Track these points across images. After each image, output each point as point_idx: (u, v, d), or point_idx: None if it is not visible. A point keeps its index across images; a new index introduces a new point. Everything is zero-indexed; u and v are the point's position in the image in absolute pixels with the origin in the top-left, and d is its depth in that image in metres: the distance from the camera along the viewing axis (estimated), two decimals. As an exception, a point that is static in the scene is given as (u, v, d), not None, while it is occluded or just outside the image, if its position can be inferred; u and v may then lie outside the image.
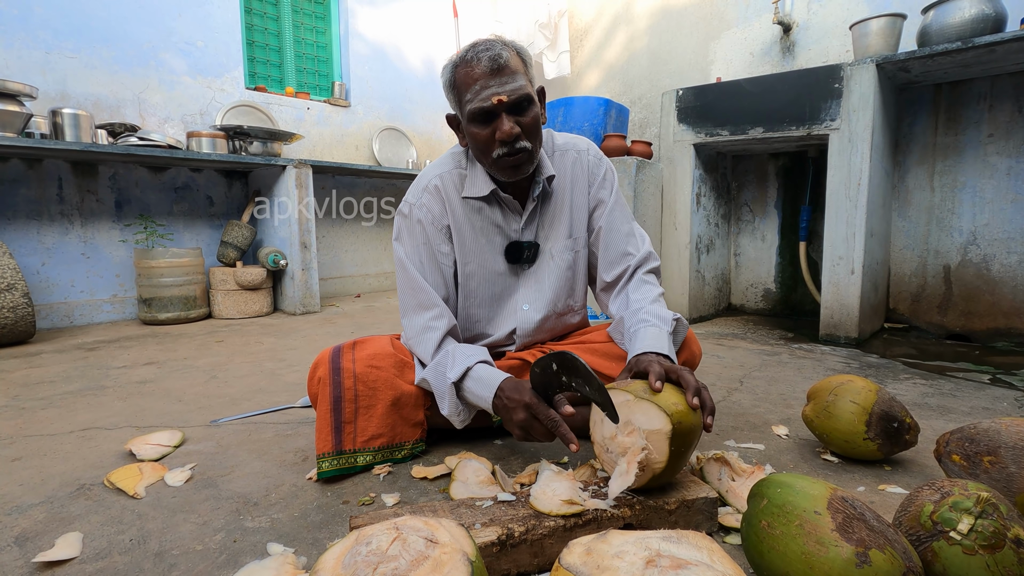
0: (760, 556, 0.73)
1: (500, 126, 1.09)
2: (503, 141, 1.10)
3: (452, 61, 1.15)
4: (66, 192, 3.01)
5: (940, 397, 1.67)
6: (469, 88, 1.10)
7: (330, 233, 4.18)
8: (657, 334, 1.08)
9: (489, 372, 1.09)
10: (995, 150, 2.52)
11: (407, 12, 4.57)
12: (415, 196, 1.25)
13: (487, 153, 1.14)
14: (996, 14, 2.12)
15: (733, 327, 2.88)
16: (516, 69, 1.10)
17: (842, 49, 2.98)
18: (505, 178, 1.18)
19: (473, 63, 1.09)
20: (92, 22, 3.02)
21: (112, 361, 2.23)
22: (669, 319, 1.13)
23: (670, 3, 3.70)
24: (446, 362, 1.13)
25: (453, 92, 1.16)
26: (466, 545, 0.64)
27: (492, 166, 1.16)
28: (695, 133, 2.85)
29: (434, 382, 1.15)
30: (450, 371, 1.11)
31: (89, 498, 1.08)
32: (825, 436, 1.20)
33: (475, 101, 1.09)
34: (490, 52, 1.08)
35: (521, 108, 1.11)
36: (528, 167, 1.16)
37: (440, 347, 1.17)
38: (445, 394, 1.12)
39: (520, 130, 1.11)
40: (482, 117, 1.11)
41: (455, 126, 1.24)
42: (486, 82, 1.08)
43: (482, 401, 1.08)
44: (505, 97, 1.08)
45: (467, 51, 1.12)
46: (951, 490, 0.74)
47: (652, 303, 1.18)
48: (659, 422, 0.85)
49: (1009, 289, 2.51)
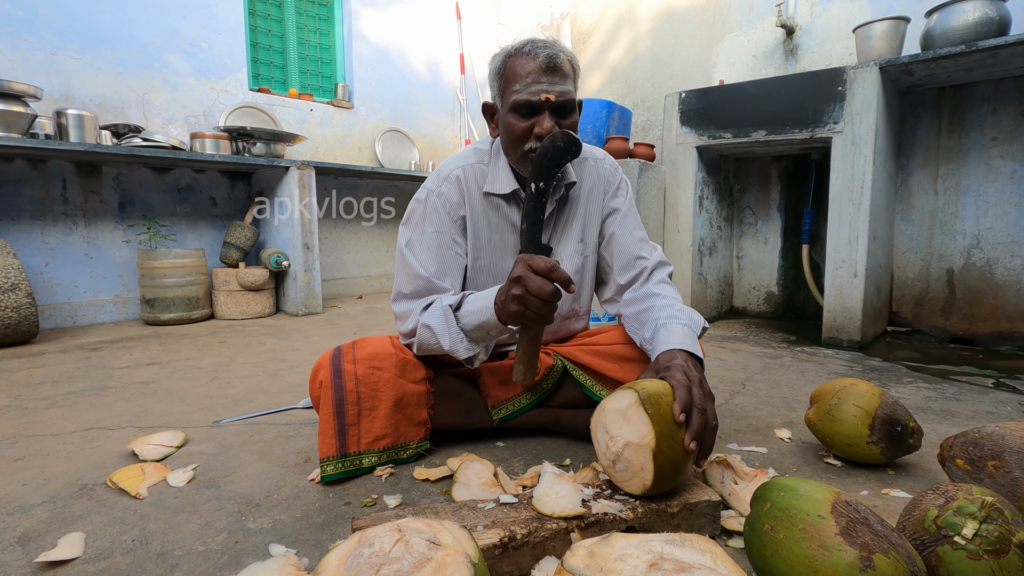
0: (763, 560, 0.73)
1: (541, 122, 1.10)
2: (540, 137, 1.11)
3: (506, 50, 1.16)
4: (70, 193, 3.02)
5: (944, 401, 1.67)
6: (520, 79, 1.11)
7: (332, 234, 4.19)
8: (688, 333, 1.08)
9: (485, 291, 1.09)
10: (999, 153, 2.51)
11: (410, 14, 4.58)
12: (435, 183, 1.25)
13: (519, 145, 1.15)
14: (1000, 17, 2.12)
15: (736, 330, 2.88)
16: (568, 74, 1.12)
17: (845, 52, 2.97)
18: (528, 174, 1.18)
19: (530, 55, 1.11)
20: (97, 24, 3.04)
21: (115, 361, 2.23)
22: (700, 324, 1.14)
23: (673, 6, 3.71)
24: (438, 304, 1.13)
25: (499, 80, 1.17)
26: (469, 547, 0.64)
27: (521, 159, 1.17)
28: (698, 136, 2.85)
29: (432, 322, 1.12)
30: (444, 303, 1.12)
31: (91, 498, 1.08)
32: (828, 440, 1.19)
33: (523, 92, 1.10)
34: (549, 50, 1.10)
35: (564, 112, 1.12)
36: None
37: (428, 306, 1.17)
38: (444, 325, 1.11)
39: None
40: (525, 109, 1.12)
41: (489, 115, 1.25)
42: (538, 77, 1.09)
43: (484, 311, 1.06)
44: (553, 96, 1.09)
45: (525, 43, 1.13)
46: (955, 494, 0.74)
47: (678, 303, 1.19)
48: (647, 436, 0.84)
49: (1013, 293, 2.50)
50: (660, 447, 0.83)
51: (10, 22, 2.77)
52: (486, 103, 1.25)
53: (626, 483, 0.88)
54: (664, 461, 0.84)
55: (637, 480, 0.86)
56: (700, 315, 1.16)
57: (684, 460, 0.86)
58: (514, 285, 0.98)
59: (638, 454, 0.85)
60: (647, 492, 0.85)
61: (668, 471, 0.84)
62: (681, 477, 0.88)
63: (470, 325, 1.10)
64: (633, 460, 0.85)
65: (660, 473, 0.84)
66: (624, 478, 0.88)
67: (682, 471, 0.87)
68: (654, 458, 0.83)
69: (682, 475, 0.88)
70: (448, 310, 1.11)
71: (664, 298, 1.19)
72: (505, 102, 1.15)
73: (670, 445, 0.84)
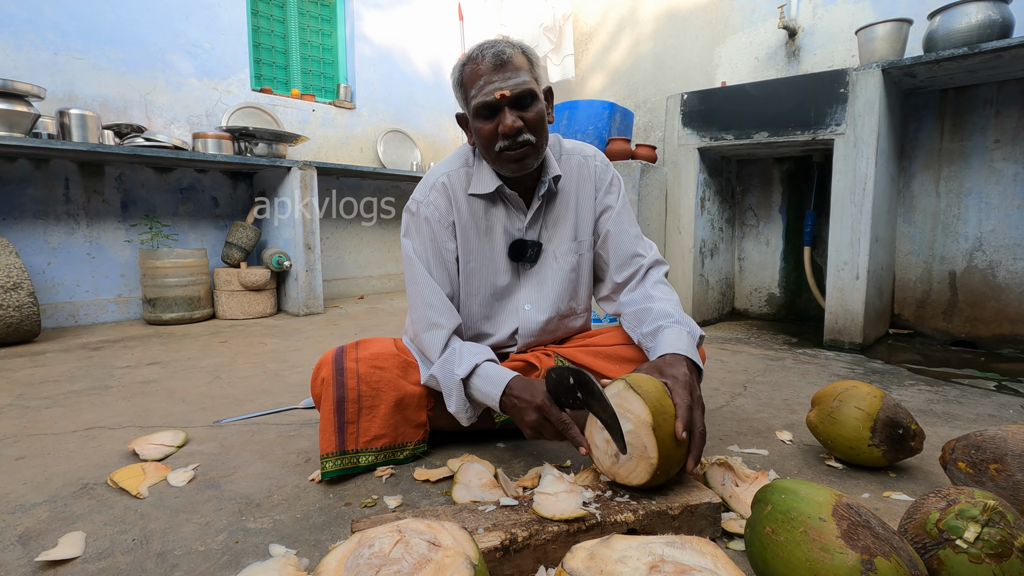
0: (764, 563, 0.72)
1: (503, 120, 1.12)
2: (505, 135, 1.12)
3: (460, 60, 1.18)
4: (72, 192, 3.02)
5: (945, 404, 1.66)
6: (474, 84, 1.13)
7: (334, 235, 4.19)
8: (688, 339, 1.09)
9: (497, 370, 1.10)
10: (1001, 156, 2.51)
11: (412, 15, 4.59)
12: (423, 194, 1.26)
13: (490, 148, 1.16)
14: (1003, 20, 2.12)
15: (737, 332, 2.88)
16: (520, 66, 1.12)
17: (848, 54, 2.97)
18: (508, 172, 1.19)
19: (478, 60, 1.12)
20: (100, 24, 3.05)
21: (116, 361, 2.23)
22: (697, 333, 1.14)
23: (675, 7, 3.71)
24: (453, 359, 1.14)
25: (461, 90, 1.18)
26: (469, 548, 0.64)
27: (496, 161, 1.18)
28: (700, 137, 2.85)
29: (442, 379, 1.15)
30: (458, 368, 1.12)
31: (92, 498, 1.08)
32: (830, 442, 1.19)
33: (479, 96, 1.12)
34: (494, 49, 1.11)
35: (524, 103, 1.13)
36: (532, 161, 1.17)
37: (447, 345, 1.18)
38: (453, 391, 1.13)
39: (523, 124, 1.13)
40: (486, 111, 1.13)
41: (463, 124, 1.26)
42: (489, 77, 1.11)
43: (489, 399, 1.08)
44: (507, 91, 1.10)
45: (473, 50, 1.15)
46: (957, 498, 0.74)
47: (678, 307, 1.20)
48: (642, 413, 0.87)
49: (1015, 296, 2.50)
50: (657, 421, 0.86)
51: (14, 22, 2.78)
52: (459, 114, 1.27)
53: (632, 473, 0.88)
54: (664, 435, 0.86)
55: (643, 464, 0.86)
56: (696, 325, 1.18)
57: (678, 444, 0.89)
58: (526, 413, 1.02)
59: (638, 435, 0.87)
60: (655, 473, 0.86)
61: (669, 446, 0.87)
62: (678, 465, 0.90)
63: (475, 399, 1.13)
64: (635, 444, 0.87)
65: (663, 447, 0.85)
66: (629, 468, 0.88)
67: (678, 457, 0.89)
68: (654, 431, 0.85)
69: (678, 462, 0.90)
70: (460, 384, 1.13)
71: (663, 301, 1.20)
72: (470, 109, 1.17)
73: (665, 420, 0.88)
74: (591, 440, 0.95)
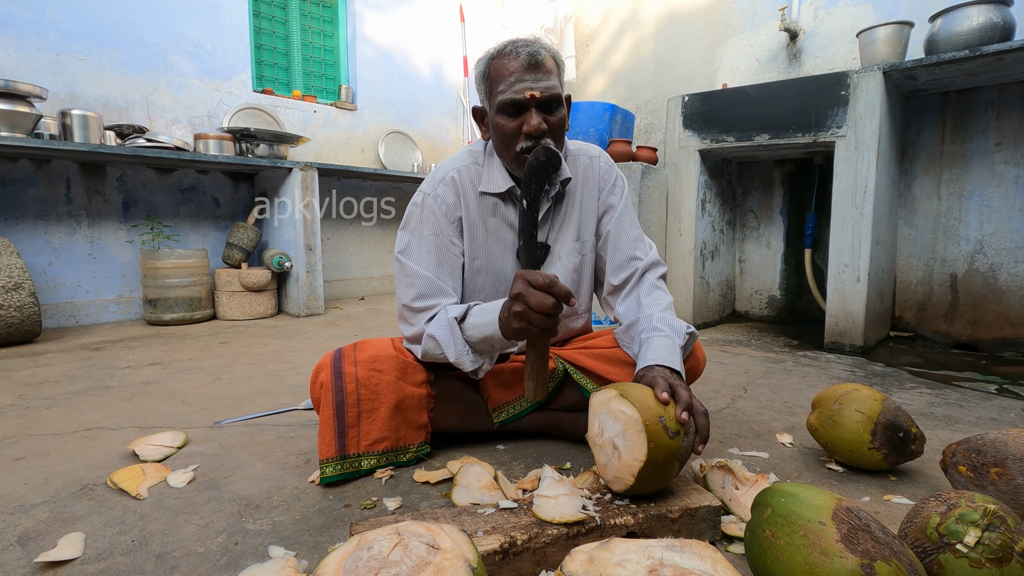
0: (764, 566, 0.72)
1: (529, 120, 1.11)
2: (529, 135, 1.12)
3: (488, 53, 1.17)
4: (74, 193, 3.03)
5: (946, 407, 1.66)
6: (503, 79, 1.12)
7: (335, 236, 4.19)
8: (669, 346, 1.07)
9: (490, 304, 1.10)
10: (1003, 158, 2.50)
11: (414, 16, 4.59)
12: (430, 186, 1.25)
13: (510, 146, 1.15)
14: (1004, 22, 2.12)
15: (737, 334, 2.87)
16: (551, 69, 1.13)
17: (849, 56, 2.97)
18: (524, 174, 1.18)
19: (511, 56, 1.12)
20: (102, 25, 3.05)
21: (117, 361, 2.23)
22: (682, 332, 1.12)
23: (677, 9, 3.71)
24: (443, 315, 1.14)
25: (485, 83, 1.18)
26: (468, 551, 0.64)
27: (514, 160, 1.17)
28: (701, 139, 2.85)
29: (437, 333, 1.13)
30: (450, 315, 1.12)
31: (92, 498, 1.08)
32: (830, 445, 1.19)
33: (508, 92, 1.11)
34: (529, 48, 1.11)
35: (550, 107, 1.13)
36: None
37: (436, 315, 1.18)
38: (449, 338, 1.11)
39: (547, 127, 1.12)
40: (512, 109, 1.13)
41: (479, 119, 1.26)
42: (521, 75, 1.10)
43: (488, 325, 1.07)
44: (538, 93, 1.10)
45: (506, 45, 1.14)
46: (958, 502, 0.74)
47: (664, 311, 1.18)
48: (633, 414, 0.86)
49: (1016, 298, 2.49)
50: (646, 419, 0.86)
51: (16, 23, 2.78)
52: (475, 107, 1.26)
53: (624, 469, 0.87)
54: (653, 434, 0.85)
55: (633, 465, 0.85)
56: (682, 322, 1.15)
57: (672, 452, 0.86)
58: (515, 302, 0.99)
59: (628, 433, 0.86)
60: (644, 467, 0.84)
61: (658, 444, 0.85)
62: (672, 473, 0.88)
63: (475, 338, 1.10)
64: (625, 444, 0.86)
65: (653, 448, 0.84)
66: (619, 470, 0.87)
67: (672, 466, 0.87)
68: (646, 427, 0.84)
69: (672, 471, 0.88)
70: (453, 323, 1.11)
71: (648, 307, 1.19)
72: (492, 104, 1.16)
73: (655, 422, 0.87)
74: (592, 443, 0.95)
